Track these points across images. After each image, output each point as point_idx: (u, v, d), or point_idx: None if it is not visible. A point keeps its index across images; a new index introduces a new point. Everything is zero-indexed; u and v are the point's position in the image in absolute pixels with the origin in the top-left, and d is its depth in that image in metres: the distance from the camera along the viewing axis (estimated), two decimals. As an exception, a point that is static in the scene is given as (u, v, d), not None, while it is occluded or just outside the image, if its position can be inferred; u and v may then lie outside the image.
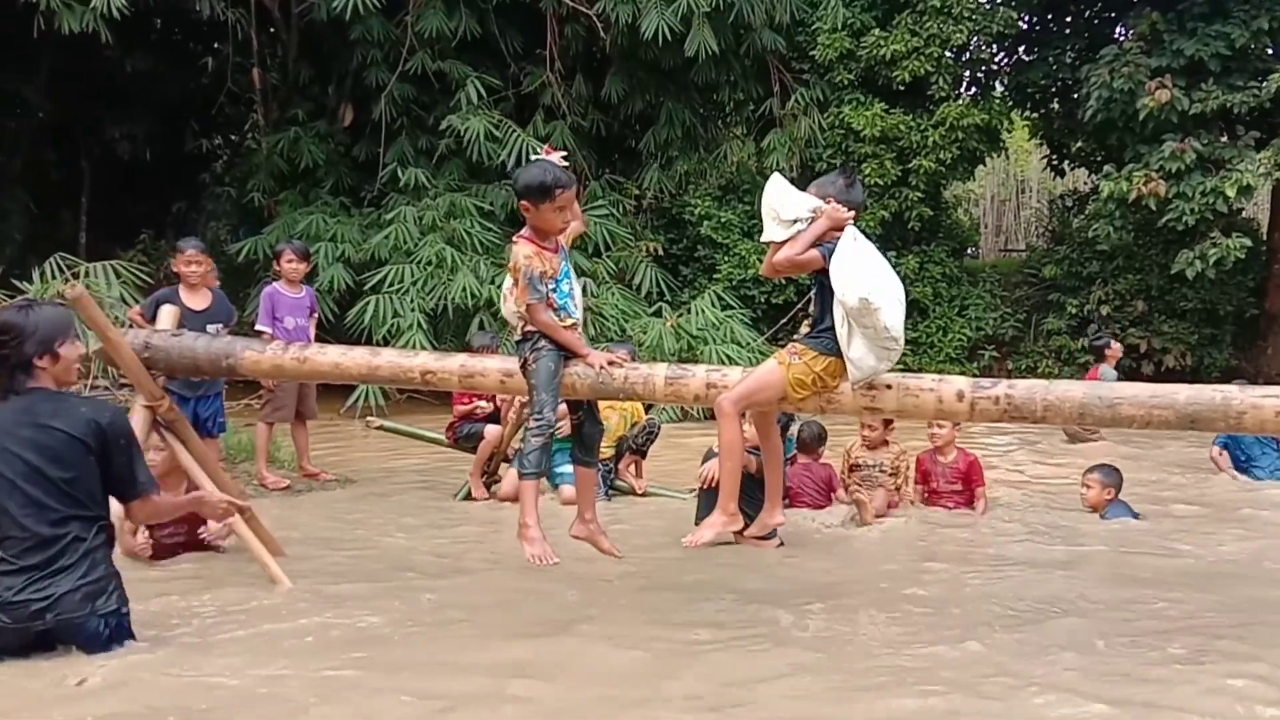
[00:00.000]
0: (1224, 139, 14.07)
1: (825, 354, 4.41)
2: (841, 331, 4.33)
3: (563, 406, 4.83)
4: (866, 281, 4.24)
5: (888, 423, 7.03)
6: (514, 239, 4.71)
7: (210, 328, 6.71)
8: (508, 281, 4.76)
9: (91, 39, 12.26)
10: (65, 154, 17.81)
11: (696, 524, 5.78)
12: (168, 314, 5.46)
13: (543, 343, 4.60)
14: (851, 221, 4.42)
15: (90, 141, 17.62)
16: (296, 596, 4.91)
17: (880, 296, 4.23)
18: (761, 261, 5.09)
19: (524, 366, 4.65)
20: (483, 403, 7.92)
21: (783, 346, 4.77)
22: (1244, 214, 16.16)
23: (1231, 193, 13.29)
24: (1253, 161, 13.35)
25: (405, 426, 8.92)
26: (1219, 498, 7.99)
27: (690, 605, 4.89)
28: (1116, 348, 11.48)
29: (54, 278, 10.09)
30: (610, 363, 4.65)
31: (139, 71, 16.21)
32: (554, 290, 4.63)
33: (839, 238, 4.38)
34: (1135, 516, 6.91)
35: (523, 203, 4.62)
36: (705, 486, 6.05)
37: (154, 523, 5.23)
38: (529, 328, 4.64)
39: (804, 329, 4.65)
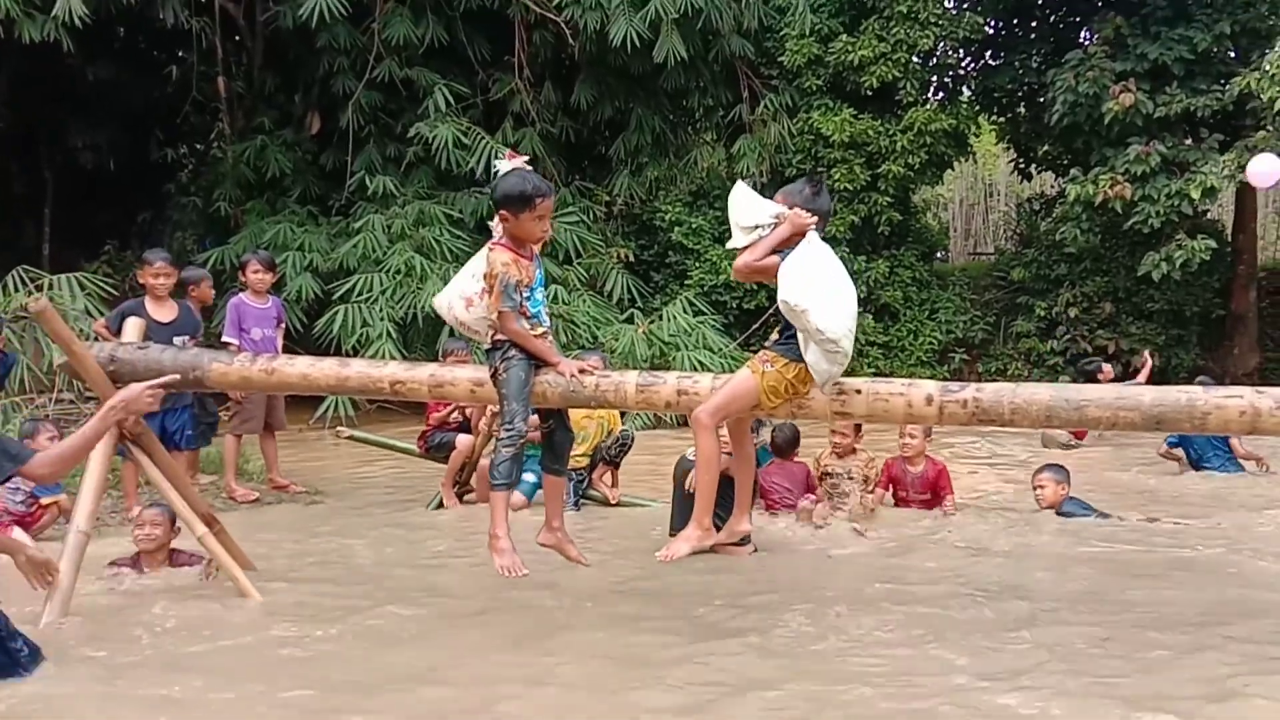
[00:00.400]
0: (1188, 142, 14.25)
1: (796, 360, 4.43)
2: (801, 336, 4.35)
3: (533, 416, 4.81)
4: (797, 285, 4.27)
5: (857, 429, 7.04)
6: (490, 245, 4.67)
7: (177, 340, 6.64)
8: (472, 286, 4.71)
9: (53, 47, 12.14)
10: (27, 164, 17.58)
11: (671, 533, 5.80)
12: (134, 326, 5.40)
13: (513, 352, 4.58)
14: (814, 228, 4.44)
15: (53, 151, 17.42)
16: (266, 610, 4.86)
17: (808, 299, 4.24)
18: (732, 267, 5.09)
19: (494, 376, 4.63)
20: (457, 414, 7.87)
21: (754, 353, 4.76)
22: (1208, 216, 16.34)
23: (1196, 195, 13.44)
24: (1216, 164, 13.51)
25: (376, 436, 8.86)
26: (1193, 490, 8.15)
27: (665, 613, 4.87)
28: (1108, 370, 11.61)
29: (17, 290, 9.99)
30: (581, 370, 4.64)
31: (102, 80, 16.04)
32: (528, 299, 4.62)
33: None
34: (1095, 513, 6.94)
35: (501, 212, 4.60)
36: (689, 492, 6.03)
37: None
38: (499, 336, 4.62)
39: (774, 335, 4.64)
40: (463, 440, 7.64)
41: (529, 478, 7.22)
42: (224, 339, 7.86)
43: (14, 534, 5.89)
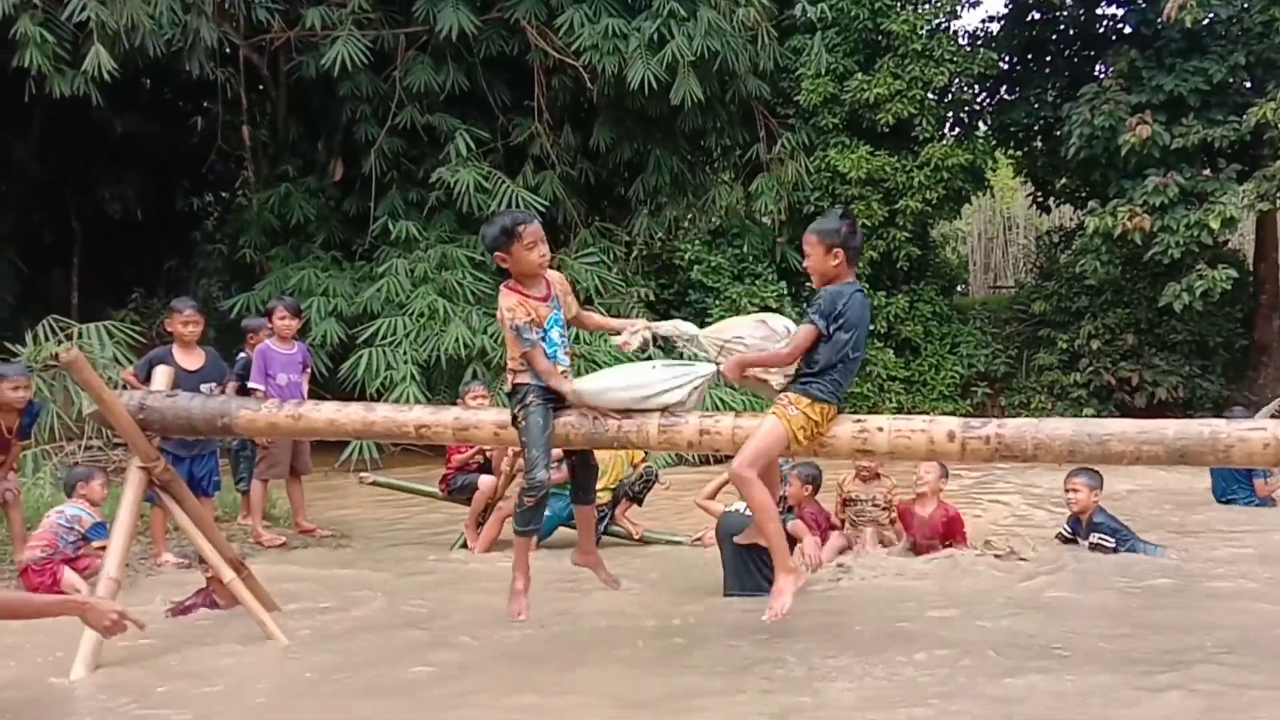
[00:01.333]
0: (1206, 172, 14.23)
1: (818, 400, 4.48)
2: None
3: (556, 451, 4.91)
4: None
5: None
6: (502, 289, 4.78)
7: (204, 387, 6.72)
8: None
9: (82, 101, 12.38)
10: (56, 214, 17.88)
11: (726, 593, 5.92)
12: (162, 374, 5.48)
13: (531, 398, 4.64)
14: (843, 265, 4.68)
15: (81, 201, 17.71)
16: (293, 653, 4.90)
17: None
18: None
19: (515, 421, 4.69)
20: (479, 456, 7.91)
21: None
22: (1229, 245, 16.30)
23: (1215, 225, 13.41)
24: (1235, 194, 13.50)
25: (399, 481, 8.92)
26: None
27: (687, 652, 4.88)
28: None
29: (47, 339, 10.13)
30: (606, 413, 4.69)
31: (129, 131, 16.34)
32: (543, 338, 4.67)
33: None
34: (1124, 530, 6.89)
35: (497, 255, 4.72)
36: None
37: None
38: (518, 380, 4.68)
39: (783, 379, 4.73)
40: (485, 481, 7.68)
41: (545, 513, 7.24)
42: (250, 385, 7.94)
43: (64, 574, 5.98)
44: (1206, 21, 14.22)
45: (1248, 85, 14.72)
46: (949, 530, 7.02)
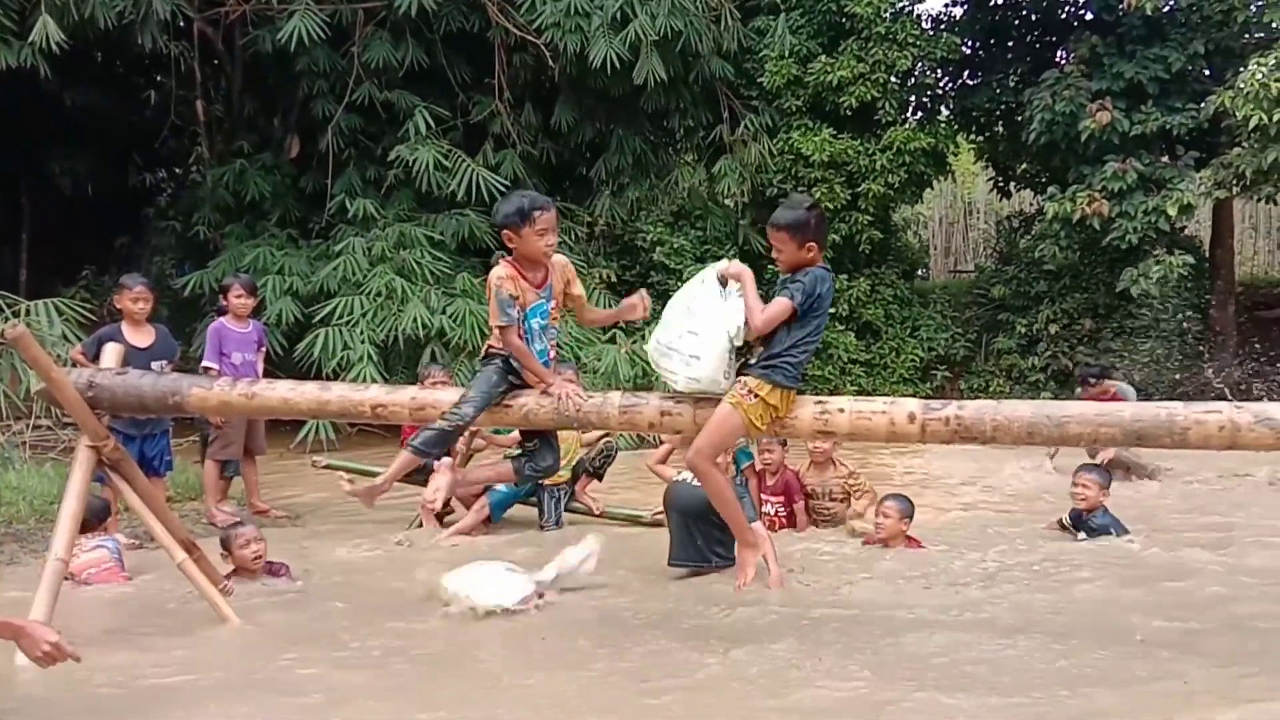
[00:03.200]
0: (1164, 159, 14.34)
1: (780, 386, 4.45)
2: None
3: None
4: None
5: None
6: (499, 259, 4.78)
7: (155, 365, 6.58)
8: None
9: (29, 73, 12.08)
10: (4, 190, 17.50)
11: (670, 562, 5.84)
12: (112, 352, 5.35)
13: (497, 360, 4.65)
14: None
15: (30, 177, 17.33)
16: (245, 635, 4.82)
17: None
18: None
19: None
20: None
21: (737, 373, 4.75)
22: (1186, 232, 16.46)
23: (1173, 211, 13.55)
24: (1193, 181, 13.63)
25: (353, 464, 8.81)
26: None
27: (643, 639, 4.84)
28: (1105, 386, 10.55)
29: (-6, 316, 9.89)
30: (573, 393, 4.65)
31: (79, 105, 15.97)
32: (522, 323, 4.67)
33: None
34: (1119, 526, 6.91)
35: (505, 232, 4.71)
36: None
37: None
38: (494, 346, 4.69)
39: (754, 358, 4.69)
40: (442, 464, 7.58)
41: (500, 487, 7.22)
42: (204, 364, 7.81)
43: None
44: (1167, 9, 14.30)
45: (1207, 73, 14.84)
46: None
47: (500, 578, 5.16)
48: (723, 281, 4.71)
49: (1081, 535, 6.87)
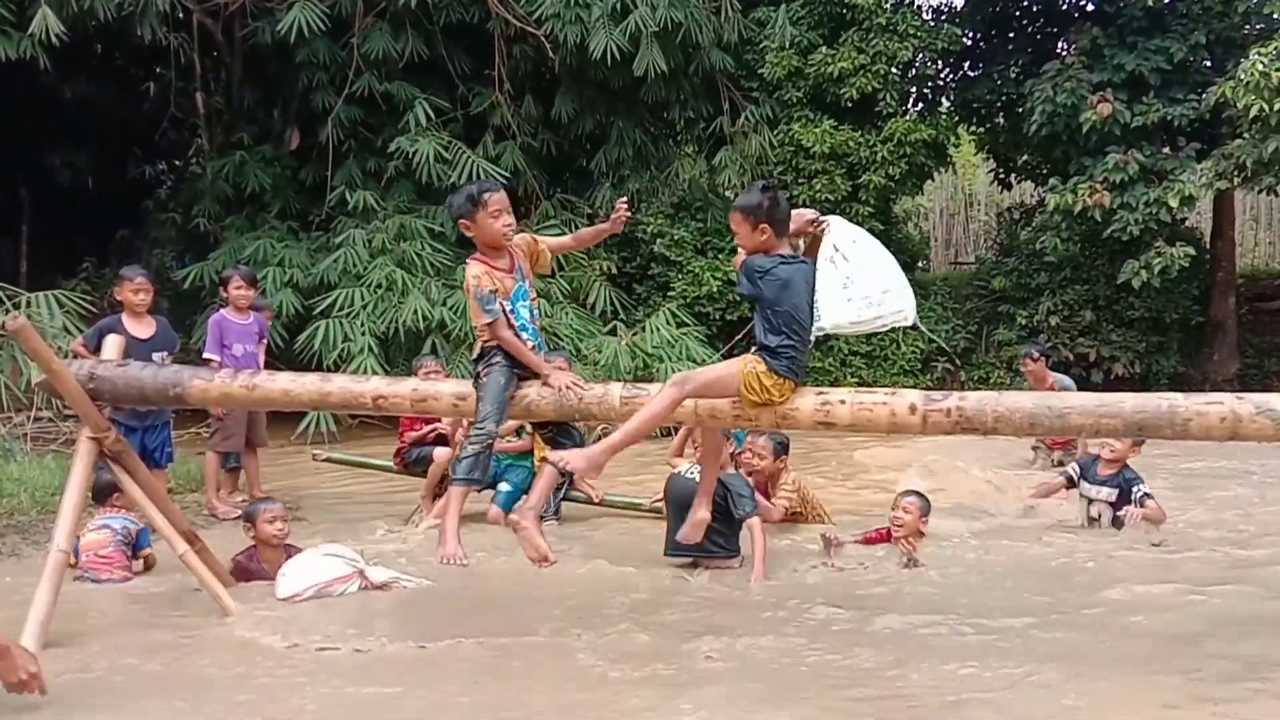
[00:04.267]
0: (1166, 150, 14.31)
1: (775, 373, 4.44)
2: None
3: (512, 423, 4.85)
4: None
5: (784, 449, 6.84)
6: (467, 260, 4.77)
7: (156, 356, 6.58)
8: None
9: (28, 65, 12.05)
10: (3, 182, 17.46)
11: (666, 552, 5.82)
12: (113, 343, 5.35)
13: (497, 359, 4.64)
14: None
15: (29, 169, 17.29)
16: (246, 627, 4.82)
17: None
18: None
19: (476, 381, 4.67)
20: (444, 425, 7.82)
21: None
22: (1187, 224, 16.44)
23: (1174, 203, 13.52)
24: (1194, 172, 13.59)
25: (353, 457, 8.83)
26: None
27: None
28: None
29: (-6, 308, 9.89)
30: (574, 384, 4.65)
31: (78, 97, 15.95)
32: (512, 312, 4.67)
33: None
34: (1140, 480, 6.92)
35: (461, 223, 4.77)
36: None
37: None
38: (487, 343, 4.69)
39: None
40: (440, 453, 7.63)
41: (504, 487, 7.26)
42: (205, 355, 7.82)
43: None
44: (1167, 0, 14.29)
45: (1208, 64, 14.81)
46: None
47: (316, 562, 5.41)
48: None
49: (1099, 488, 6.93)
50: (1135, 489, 6.85)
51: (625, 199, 5.13)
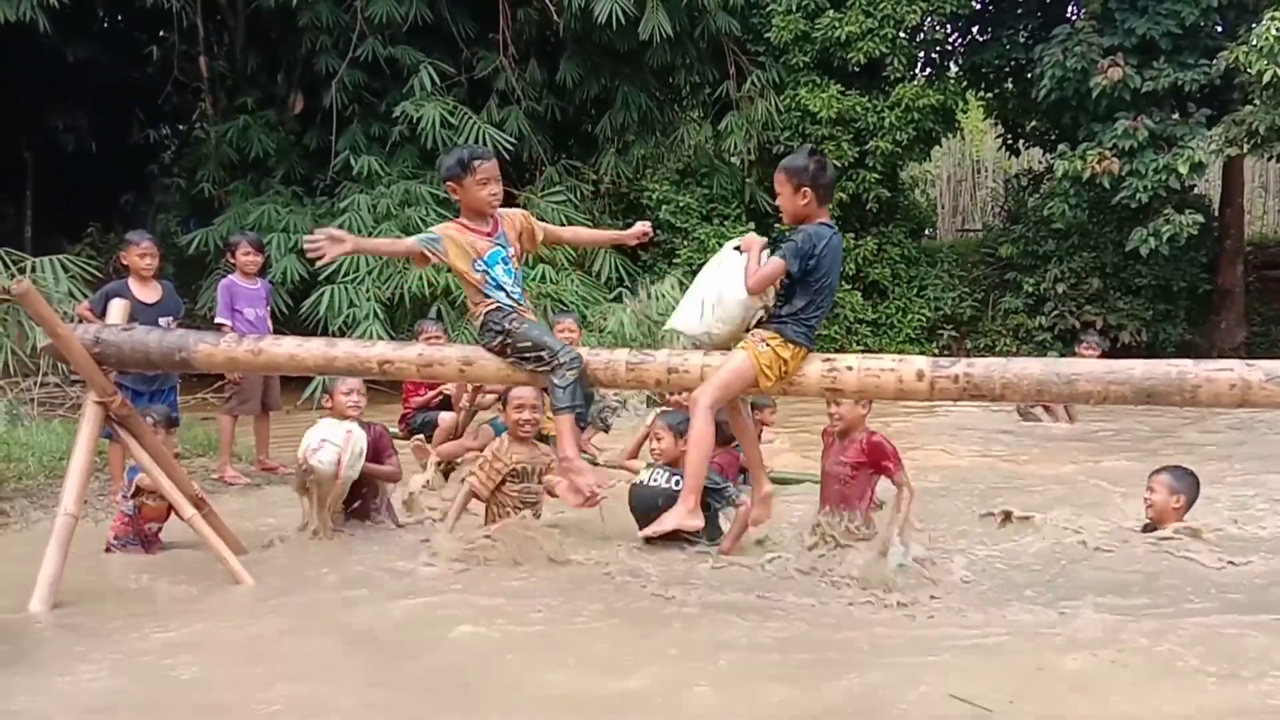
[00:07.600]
0: (1175, 116, 14.20)
1: (790, 340, 4.43)
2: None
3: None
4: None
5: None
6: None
7: (161, 321, 6.58)
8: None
9: (29, 27, 11.97)
10: (6, 145, 17.38)
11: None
12: (118, 308, 5.34)
13: (512, 319, 4.66)
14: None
15: (32, 132, 17.21)
16: (257, 595, 4.83)
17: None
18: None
19: (503, 350, 4.65)
20: (448, 388, 7.83)
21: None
22: (1196, 191, 16.35)
23: (1184, 170, 13.43)
24: (1204, 139, 13.50)
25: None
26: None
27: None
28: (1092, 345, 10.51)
29: (-1, 273, 9.88)
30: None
31: (81, 61, 15.85)
32: (485, 272, 4.70)
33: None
34: None
35: (449, 185, 4.81)
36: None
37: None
38: (486, 309, 4.67)
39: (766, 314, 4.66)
40: (445, 418, 7.65)
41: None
42: (217, 320, 7.84)
43: None
44: (1179, -38, 14.13)
45: (1219, 29, 14.66)
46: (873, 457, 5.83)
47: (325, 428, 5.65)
48: (739, 251, 4.72)
49: None
50: None
51: (649, 226, 5.33)
